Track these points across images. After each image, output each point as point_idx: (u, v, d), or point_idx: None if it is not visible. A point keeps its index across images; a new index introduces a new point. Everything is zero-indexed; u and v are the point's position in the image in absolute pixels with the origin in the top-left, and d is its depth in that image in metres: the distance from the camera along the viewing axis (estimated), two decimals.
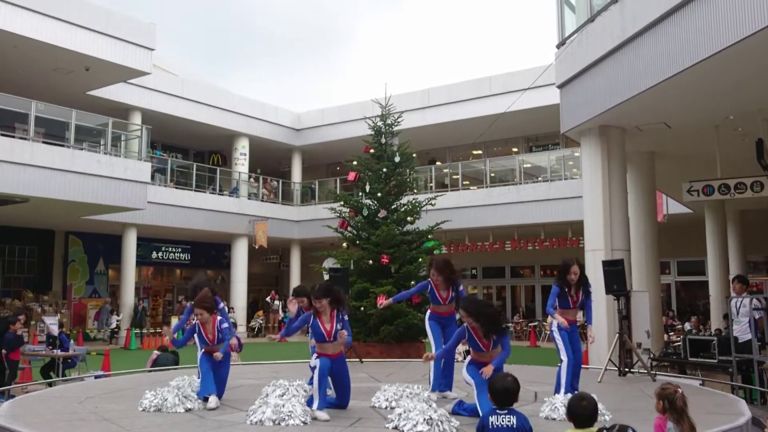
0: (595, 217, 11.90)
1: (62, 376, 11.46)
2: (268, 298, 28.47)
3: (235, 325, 24.54)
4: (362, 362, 11.18)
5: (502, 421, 3.72)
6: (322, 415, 6.05)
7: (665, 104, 10.61)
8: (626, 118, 11.42)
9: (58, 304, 23.47)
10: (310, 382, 7.40)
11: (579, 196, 13.69)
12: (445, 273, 7.20)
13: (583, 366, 7.06)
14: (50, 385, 10.65)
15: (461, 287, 7.36)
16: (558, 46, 12.68)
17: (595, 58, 10.97)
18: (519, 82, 21.76)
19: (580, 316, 7.59)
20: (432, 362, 6.92)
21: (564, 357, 6.99)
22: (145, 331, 23.22)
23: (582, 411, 3.70)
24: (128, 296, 23.67)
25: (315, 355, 6.39)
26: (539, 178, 24.69)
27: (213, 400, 6.77)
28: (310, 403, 6.86)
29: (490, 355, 6.04)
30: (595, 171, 11.93)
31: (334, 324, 6.32)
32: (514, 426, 3.73)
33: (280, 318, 28.02)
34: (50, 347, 12.19)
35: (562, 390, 6.70)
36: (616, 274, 9.65)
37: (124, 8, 24.81)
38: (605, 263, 10.10)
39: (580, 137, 12.42)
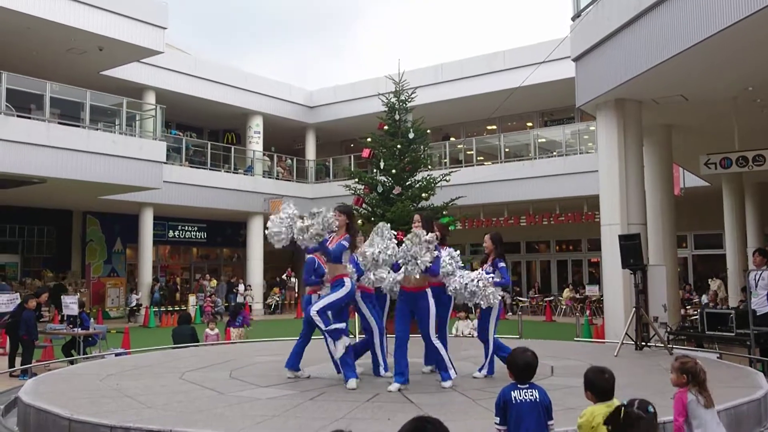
0: (611, 191, 11.83)
1: (83, 354, 11.64)
2: (284, 276, 28.65)
3: (250, 307, 24.76)
4: None
5: (525, 396, 3.74)
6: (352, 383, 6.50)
7: (682, 76, 10.47)
8: (643, 91, 11.30)
9: (77, 284, 23.77)
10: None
11: (594, 170, 13.59)
12: (442, 231, 7.33)
13: (599, 340, 7.05)
14: (72, 363, 10.81)
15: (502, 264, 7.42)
16: (573, 19, 12.52)
17: (611, 30, 10.82)
18: (533, 55, 21.50)
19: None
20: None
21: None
22: (163, 309, 23.47)
23: (604, 384, 3.71)
24: (146, 275, 23.91)
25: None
26: (554, 153, 24.52)
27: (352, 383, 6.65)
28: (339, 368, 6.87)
29: None
30: (611, 145, 11.84)
31: None
32: (537, 400, 3.74)
33: (296, 295, 28.21)
34: (71, 326, 12.35)
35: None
36: (632, 248, 9.61)
37: None
38: (622, 237, 10.07)
39: (595, 111, 12.32)
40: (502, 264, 7.24)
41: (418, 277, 6.49)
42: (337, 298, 6.62)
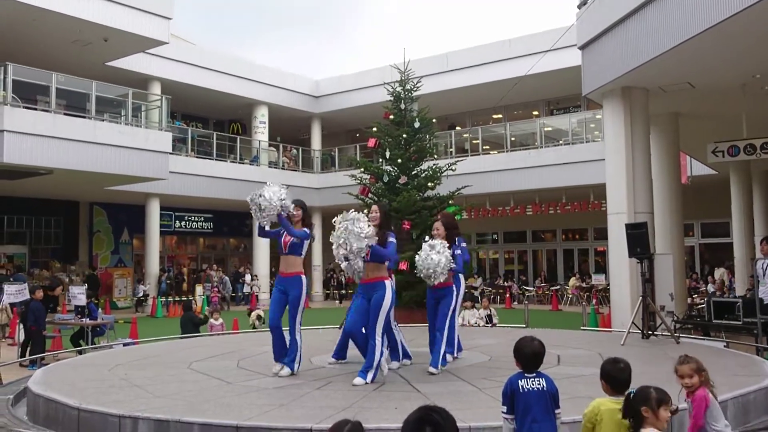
0: (617, 179, 11.80)
1: (91, 344, 11.71)
2: None
3: (257, 297, 24.79)
4: None
5: (533, 385, 3.74)
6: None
7: (690, 64, 10.41)
8: (650, 79, 11.24)
9: (85, 274, 23.87)
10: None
11: (601, 159, 13.54)
12: (450, 221, 7.30)
13: (606, 329, 7.04)
14: (80, 353, 10.88)
15: (464, 244, 7.32)
16: (579, 6, 12.46)
17: (618, 18, 10.76)
18: (540, 44, 21.40)
19: None
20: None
21: None
22: (170, 299, 23.57)
23: (618, 374, 3.69)
24: (153, 265, 23.99)
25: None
26: (560, 142, 24.44)
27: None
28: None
29: None
30: (618, 133, 11.79)
31: None
32: (544, 388, 3.75)
33: None
34: (79, 316, 12.41)
35: None
36: (639, 237, 9.59)
37: None
38: (628, 226, 10.04)
39: (602, 99, 12.27)
40: (464, 244, 7.27)
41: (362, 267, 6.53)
42: (302, 305, 6.75)
